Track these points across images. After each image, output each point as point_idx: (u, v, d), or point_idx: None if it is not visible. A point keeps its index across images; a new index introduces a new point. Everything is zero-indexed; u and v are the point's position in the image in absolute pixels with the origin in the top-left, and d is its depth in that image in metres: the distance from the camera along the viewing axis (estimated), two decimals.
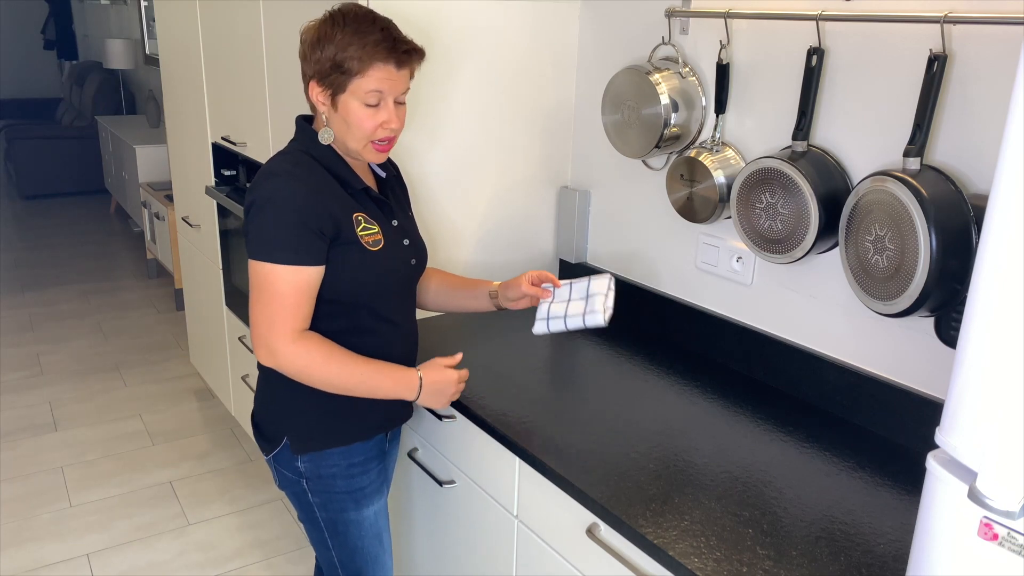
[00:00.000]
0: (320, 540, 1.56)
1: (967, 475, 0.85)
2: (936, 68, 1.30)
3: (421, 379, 1.45)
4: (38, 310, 4.43)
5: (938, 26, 1.33)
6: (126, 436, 3.19)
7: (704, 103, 1.78)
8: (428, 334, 1.92)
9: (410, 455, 1.85)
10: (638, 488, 1.33)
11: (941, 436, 0.87)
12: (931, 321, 1.42)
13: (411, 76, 1.41)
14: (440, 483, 1.73)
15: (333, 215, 1.36)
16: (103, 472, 2.94)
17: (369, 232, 1.42)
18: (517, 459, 1.50)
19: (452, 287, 1.70)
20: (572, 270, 2.21)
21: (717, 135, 1.74)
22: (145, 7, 5.88)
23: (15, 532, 2.59)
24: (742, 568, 1.14)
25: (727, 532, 1.22)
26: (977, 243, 1.18)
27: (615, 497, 1.30)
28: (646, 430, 1.52)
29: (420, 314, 2.01)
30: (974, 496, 0.82)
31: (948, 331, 1.35)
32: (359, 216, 1.41)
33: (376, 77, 1.34)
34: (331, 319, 1.42)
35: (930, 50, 1.33)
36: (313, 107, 1.42)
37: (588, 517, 1.35)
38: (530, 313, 1.88)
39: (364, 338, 1.46)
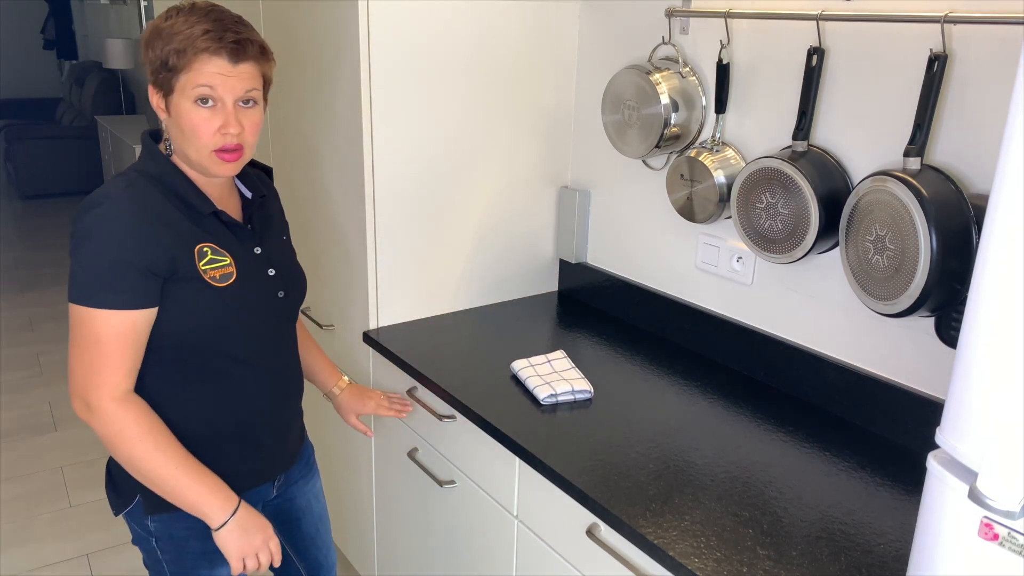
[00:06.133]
0: None
1: (967, 475, 0.85)
2: (936, 68, 1.30)
3: (239, 507, 1.28)
4: (38, 310, 4.43)
5: (938, 26, 1.33)
6: None
7: (704, 103, 1.78)
8: (420, 335, 1.92)
9: (410, 455, 1.85)
10: (638, 488, 1.33)
11: (941, 436, 0.87)
12: (931, 321, 1.42)
13: (262, 77, 1.24)
14: (440, 483, 1.73)
15: (167, 248, 1.20)
16: (103, 472, 2.94)
17: (217, 265, 1.26)
18: (517, 459, 1.50)
19: (304, 356, 1.64)
20: (572, 270, 2.21)
21: (717, 135, 1.74)
22: (145, 7, 5.89)
23: (15, 532, 2.59)
24: (742, 568, 1.14)
25: (727, 532, 1.22)
26: (977, 243, 1.18)
27: (615, 497, 1.30)
28: (646, 430, 1.52)
29: (410, 314, 2.01)
30: (974, 496, 0.82)
31: (948, 331, 1.35)
32: (205, 247, 1.25)
33: (205, 72, 1.16)
34: (166, 365, 1.27)
35: (930, 50, 1.33)
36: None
37: (588, 517, 1.35)
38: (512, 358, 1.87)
39: (212, 384, 1.30)
